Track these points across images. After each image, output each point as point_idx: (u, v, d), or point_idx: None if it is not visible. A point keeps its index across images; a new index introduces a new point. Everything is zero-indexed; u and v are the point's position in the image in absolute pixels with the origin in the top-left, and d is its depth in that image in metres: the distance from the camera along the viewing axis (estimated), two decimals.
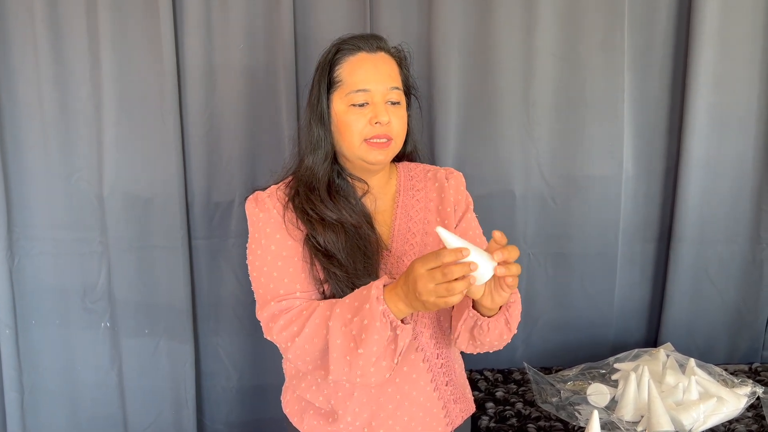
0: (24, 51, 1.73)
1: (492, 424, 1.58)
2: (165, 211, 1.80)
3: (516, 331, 1.24)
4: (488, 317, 1.17)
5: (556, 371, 1.82)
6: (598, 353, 1.93)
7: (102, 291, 1.85)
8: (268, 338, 1.21)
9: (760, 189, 1.90)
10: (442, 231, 1.02)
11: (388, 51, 1.27)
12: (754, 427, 1.52)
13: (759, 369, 1.86)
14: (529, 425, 1.55)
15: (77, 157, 1.79)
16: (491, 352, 1.27)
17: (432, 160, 1.82)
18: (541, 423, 1.56)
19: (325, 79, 1.24)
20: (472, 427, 1.61)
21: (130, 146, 1.77)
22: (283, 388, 1.39)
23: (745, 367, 1.87)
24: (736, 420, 1.54)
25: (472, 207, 1.38)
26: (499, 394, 1.72)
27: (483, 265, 1.00)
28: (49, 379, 1.90)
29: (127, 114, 1.76)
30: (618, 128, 1.84)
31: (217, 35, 1.76)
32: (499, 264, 1.01)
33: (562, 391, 1.64)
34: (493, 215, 1.86)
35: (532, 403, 1.66)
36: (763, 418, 1.55)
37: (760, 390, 1.61)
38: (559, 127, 1.85)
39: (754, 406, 1.60)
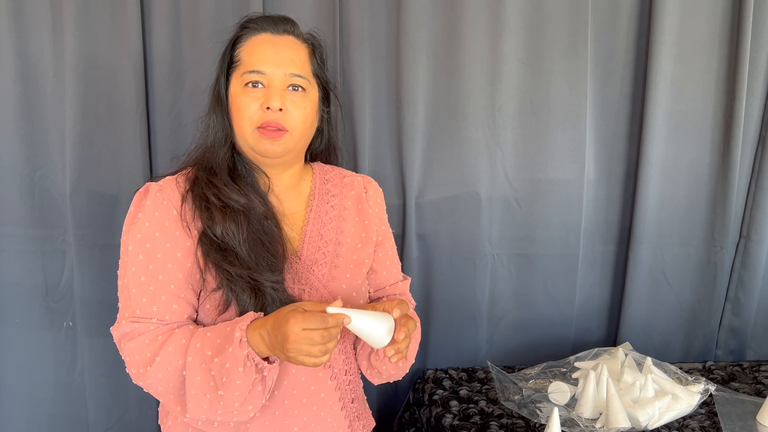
0: None
1: (456, 422, 1.60)
2: None
3: (414, 361, 1.25)
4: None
5: (519, 370, 1.86)
6: (559, 352, 1.98)
7: (65, 289, 1.82)
8: (122, 356, 1.09)
9: (714, 193, 1.96)
10: (333, 311, 0.98)
11: (297, 35, 1.17)
12: (707, 423, 1.57)
13: (712, 367, 1.92)
14: (492, 423, 1.58)
15: (41, 153, 1.75)
16: (391, 381, 1.26)
17: (399, 162, 1.85)
18: (504, 420, 1.59)
19: (226, 58, 1.16)
20: (435, 425, 1.64)
21: (95, 143, 1.74)
22: (160, 410, 1.23)
23: (699, 366, 1.94)
24: (690, 416, 1.59)
25: (387, 222, 1.33)
26: (463, 392, 1.75)
27: (379, 333, 1.01)
28: (10, 378, 1.86)
29: (93, 110, 1.73)
30: (580, 133, 1.89)
31: (186, 31, 1.74)
32: (389, 345, 1.03)
33: (524, 390, 1.67)
34: (458, 217, 1.88)
35: (495, 401, 1.69)
36: (716, 414, 1.60)
37: (712, 388, 1.66)
38: (524, 131, 1.88)
39: (707, 403, 1.66)
